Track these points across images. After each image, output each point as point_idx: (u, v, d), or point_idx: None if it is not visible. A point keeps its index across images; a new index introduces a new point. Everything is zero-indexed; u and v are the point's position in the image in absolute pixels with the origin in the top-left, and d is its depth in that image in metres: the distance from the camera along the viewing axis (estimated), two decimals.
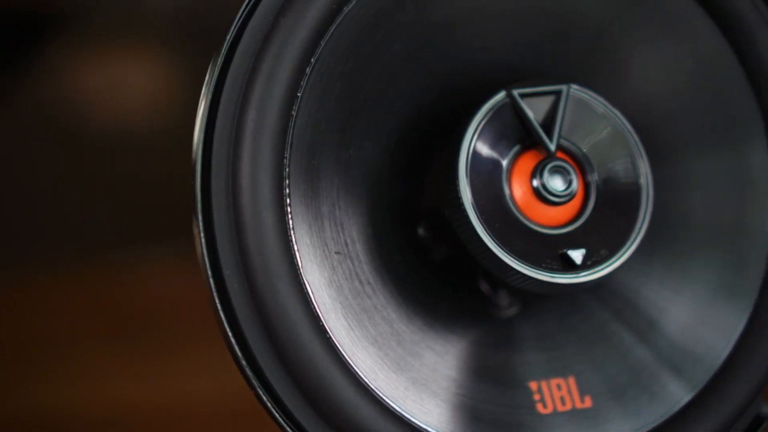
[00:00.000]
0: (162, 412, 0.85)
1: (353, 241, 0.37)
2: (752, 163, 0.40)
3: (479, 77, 0.39)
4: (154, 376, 0.88)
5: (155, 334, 0.90)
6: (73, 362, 0.90)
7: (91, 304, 0.94)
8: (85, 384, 0.88)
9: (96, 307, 0.93)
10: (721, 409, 0.38)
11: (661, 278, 0.40)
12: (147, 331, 0.91)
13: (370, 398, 0.36)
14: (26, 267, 0.96)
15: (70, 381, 0.88)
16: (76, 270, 0.95)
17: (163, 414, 0.85)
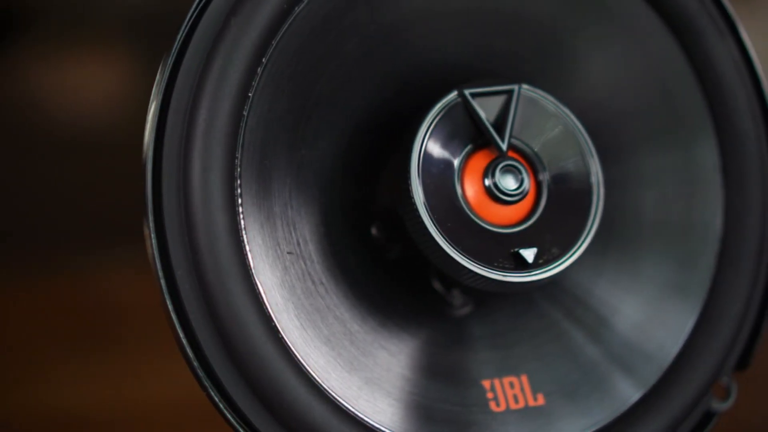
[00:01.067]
0: (124, 413, 0.85)
1: (306, 241, 0.37)
2: (701, 162, 0.40)
3: (431, 77, 0.39)
4: (116, 378, 0.87)
5: (118, 337, 0.90)
6: (35, 366, 0.89)
7: (51, 307, 0.93)
8: (48, 387, 0.87)
9: (56, 310, 0.93)
10: (671, 406, 0.39)
11: (613, 277, 0.40)
12: (109, 333, 0.91)
13: (322, 398, 0.36)
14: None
15: (33, 384, 0.88)
16: (35, 273, 0.95)
17: (126, 415, 0.85)
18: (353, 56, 0.38)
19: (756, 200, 0.40)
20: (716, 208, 0.40)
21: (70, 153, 1.00)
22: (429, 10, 0.39)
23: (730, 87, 0.40)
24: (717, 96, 0.40)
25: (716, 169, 0.40)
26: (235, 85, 0.35)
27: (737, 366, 0.41)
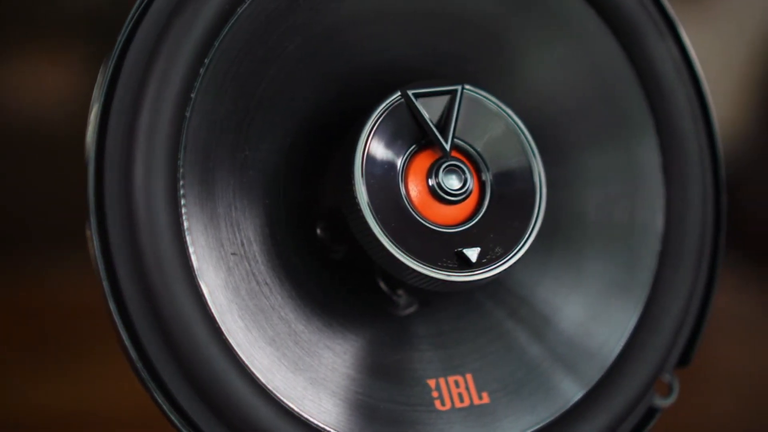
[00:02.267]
0: (79, 415, 0.84)
1: (250, 241, 0.37)
2: (642, 161, 0.41)
3: (375, 78, 0.39)
4: (71, 380, 0.87)
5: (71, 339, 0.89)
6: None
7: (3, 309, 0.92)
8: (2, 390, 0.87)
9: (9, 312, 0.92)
10: (614, 403, 0.39)
11: (557, 276, 0.40)
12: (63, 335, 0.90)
13: (267, 398, 0.36)
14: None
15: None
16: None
17: (82, 417, 0.84)
18: (296, 57, 0.38)
19: (696, 198, 0.41)
20: (658, 206, 0.41)
21: (22, 153, 0.99)
22: (372, 11, 0.39)
23: (670, 87, 0.41)
24: (657, 95, 0.41)
25: (657, 168, 0.41)
26: (177, 85, 0.35)
27: (679, 363, 0.41)
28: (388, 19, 0.39)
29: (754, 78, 1.47)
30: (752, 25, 1.48)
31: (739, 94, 1.48)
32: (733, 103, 1.48)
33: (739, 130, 1.46)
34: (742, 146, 1.45)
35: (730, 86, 1.48)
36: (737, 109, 1.47)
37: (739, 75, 1.48)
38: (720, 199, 0.42)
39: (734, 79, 1.48)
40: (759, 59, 1.47)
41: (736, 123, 1.46)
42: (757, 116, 1.44)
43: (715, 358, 0.91)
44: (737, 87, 1.48)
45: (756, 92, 1.45)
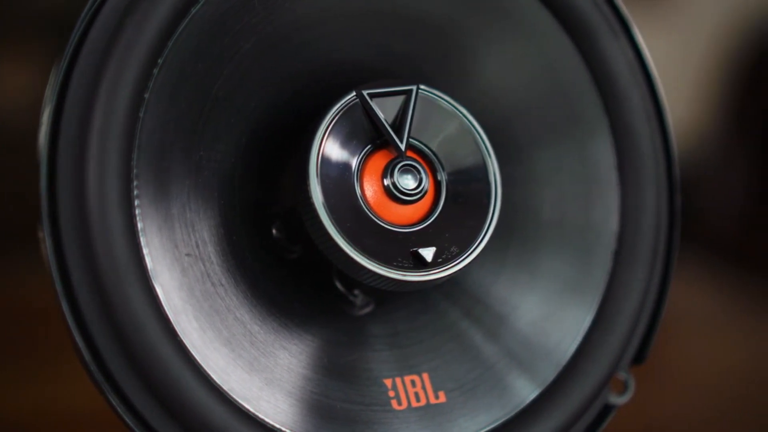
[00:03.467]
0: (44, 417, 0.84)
1: (205, 242, 0.37)
2: (597, 160, 0.41)
3: (330, 78, 0.39)
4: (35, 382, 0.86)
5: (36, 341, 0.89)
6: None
7: None
8: None
9: None
10: (569, 401, 0.39)
11: (512, 275, 0.41)
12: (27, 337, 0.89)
13: (222, 400, 0.36)
14: None
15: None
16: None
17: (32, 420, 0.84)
18: (251, 57, 0.38)
19: (650, 198, 0.41)
20: (612, 206, 0.41)
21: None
22: (327, 11, 0.39)
23: (624, 86, 0.41)
24: (611, 96, 0.41)
25: (612, 168, 0.41)
26: (130, 86, 0.35)
27: (634, 360, 0.42)
28: (343, 19, 0.39)
29: (711, 78, 1.48)
30: (709, 26, 1.50)
31: (696, 94, 1.49)
32: (691, 103, 1.49)
33: (697, 130, 1.47)
34: (701, 146, 1.46)
35: (688, 86, 1.49)
36: (695, 109, 1.48)
37: (696, 75, 1.50)
38: (674, 199, 0.42)
39: (692, 79, 1.50)
40: (716, 60, 1.48)
41: (693, 123, 1.47)
42: (714, 116, 1.46)
43: (673, 355, 0.92)
44: (695, 87, 1.49)
45: (713, 92, 1.47)
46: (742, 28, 1.47)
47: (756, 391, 0.82)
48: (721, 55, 1.48)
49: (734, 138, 1.43)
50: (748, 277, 1.25)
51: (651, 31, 1.45)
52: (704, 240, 1.39)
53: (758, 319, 1.02)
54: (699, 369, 0.88)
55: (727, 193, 1.42)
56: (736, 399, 0.80)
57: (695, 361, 0.91)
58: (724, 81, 1.45)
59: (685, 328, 0.98)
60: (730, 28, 1.48)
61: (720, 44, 1.49)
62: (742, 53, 1.44)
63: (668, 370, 0.85)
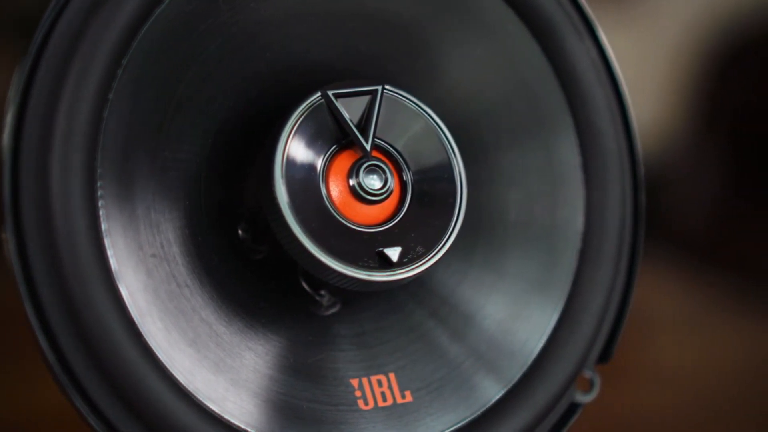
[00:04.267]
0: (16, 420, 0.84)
1: (170, 243, 0.37)
2: (562, 160, 0.41)
3: (296, 78, 0.39)
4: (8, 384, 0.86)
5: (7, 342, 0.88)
6: None
7: None
8: None
9: None
10: (535, 399, 0.39)
11: (478, 275, 0.41)
12: None
13: (188, 400, 0.36)
14: None
15: None
16: None
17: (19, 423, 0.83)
18: (216, 57, 0.38)
19: (615, 197, 0.41)
20: (578, 205, 0.41)
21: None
22: (293, 12, 0.39)
23: (588, 87, 0.41)
24: (576, 96, 0.41)
25: (577, 168, 0.41)
26: (94, 87, 0.35)
27: (600, 359, 0.42)
28: (309, 19, 0.39)
29: (680, 78, 1.49)
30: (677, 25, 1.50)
31: (666, 94, 1.50)
32: (661, 103, 1.50)
33: (667, 129, 1.48)
34: (671, 146, 1.47)
35: (658, 86, 1.50)
36: (665, 109, 1.49)
37: (666, 75, 1.50)
38: (638, 198, 0.42)
39: (661, 79, 1.50)
40: (685, 59, 1.49)
41: (663, 123, 1.48)
42: (684, 116, 1.46)
43: (644, 354, 0.92)
44: (664, 87, 1.50)
45: (683, 92, 1.47)
46: (710, 27, 1.48)
47: (726, 388, 0.83)
48: (690, 54, 1.48)
49: (704, 137, 1.44)
50: (719, 275, 1.25)
51: (619, 32, 1.46)
52: (675, 239, 1.40)
53: (728, 317, 1.02)
54: (669, 367, 0.89)
55: (698, 192, 1.43)
56: (706, 396, 0.80)
57: (666, 360, 0.91)
58: (694, 80, 1.46)
59: (656, 327, 0.99)
60: (699, 27, 1.49)
61: (689, 43, 1.50)
62: (710, 52, 1.45)
63: (639, 369, 0.86)
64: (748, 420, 0.75)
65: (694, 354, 0.91)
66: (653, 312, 0.99)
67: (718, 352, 0.91)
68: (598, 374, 0.41)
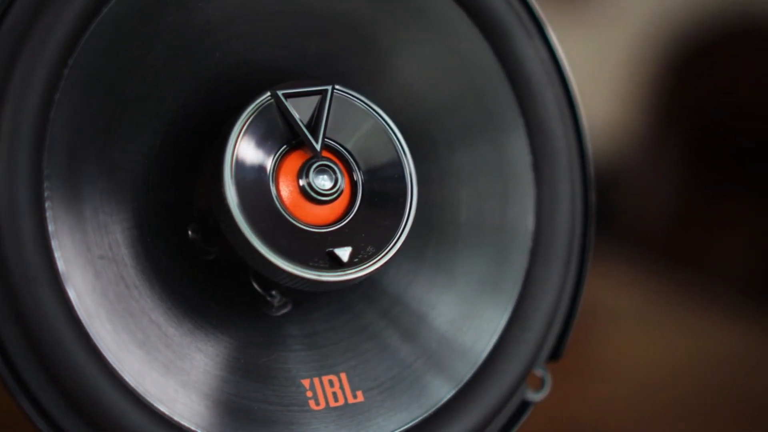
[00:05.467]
0: None
1: (118, 244, 0.37)
2: (513, 160, 0.42)
3: (245, 78, 0.39)
4: None
5: None
6: None
7: None
8: None
9: None
10: (486, 398, 0.39)
11: (430, 275, 0.41)
12: None
13: (137, 402, 0.36)
14: None
15: None
16: None
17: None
18: (164, 57, 0.38)
19: (565, 196, 0.42)
20: (528, 204, 0.41)
21: None
22: (243, 11, 0.39)
23: (538, 86, 0.41)
24: (526, 95, 0.41)
25: (528, 167, 0.42)
26: (40, 87, 0.35)
27: (550, 357, 0.42)
28: (258, 18, 0.39)
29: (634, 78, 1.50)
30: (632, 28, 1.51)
31: (620, 93, 1.51)
32: (620, 102, 1.51)
33: (626, 128, 1.49)
34: (629, 144, 1.48)
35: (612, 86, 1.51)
36: (619, 108, 1.50)
37: (620, 75, 1.51)
38: (589, 197, 0.43)
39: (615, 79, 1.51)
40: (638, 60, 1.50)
41: (617, 121, 1.49)
42: (643, 115, 1.47)
43: (599, 349, 0.93)
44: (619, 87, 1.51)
45: (637, 91, 1.49)
46: (666, 27, 1.49)
47: (679, 383, 0.84)
48: (647, 53, 1.50)
49: (660, 135, 1.45)
50: (675, 272, 1.27)
51: (576, 32, 1.47)
52: (631, 236, 1.41)
53: (683, 313, 1.03)
54: (624, 363, 0.89)
55: (654, 189, 1.44)
56: (659, 392, 0.81)
57: (620, 356, 0.92)
58: (650, 79, 1.47)
59: (612, 323, 1.00)
60: (656, 27, 1.50)
61: (646, 43, 1.51)
62: (667, 51, 1.46)
63: (594, 366, 0.86)
64: (700, 414, 0.76)
65: (648, 350, 0.91)
66: (609, 308, 0.99)
67: (672, 347, 0.92)
68: (549, 372, 0.42)
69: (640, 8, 1.53)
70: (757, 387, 0.85)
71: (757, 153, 1.38)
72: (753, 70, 1.40)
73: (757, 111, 1.39)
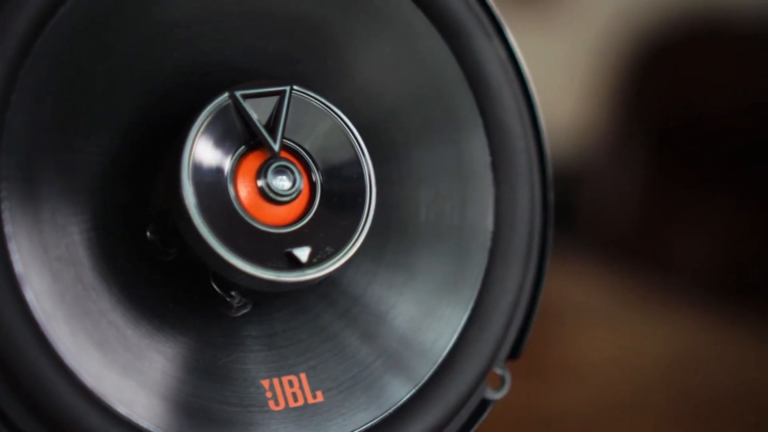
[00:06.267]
0: None
1: (76, 245, 0.37)
2: (472, 159, 0.42)
3: (204, 79, 0.39)
4: None
5: None
6: None
7: None
8: None
9: None
10: (445, 398, 0.40)
11: (389, 275, 0.41)
12: None
13: (95, 404, 0.36)
14: None
15: None
16: None
17: None
18: (122, 57, 0.38)
19: (524, 195, 0.42)
20: (487, 204, 0.42)
21: None
22: (202, 11, 0.39)
23: (496, 86, 0.42)
24: (485, 95, 0.42)
25: (487, 167, 0.42)
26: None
27: (510, 356, 0.42)
28: (218, 18, 0.39)
29: (599, 78, 1.51)
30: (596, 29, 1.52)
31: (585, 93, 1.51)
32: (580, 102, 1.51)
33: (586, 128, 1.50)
34: (595, 144, 1.49)
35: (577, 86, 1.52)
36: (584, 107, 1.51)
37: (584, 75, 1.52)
38: (547, 195, 0.43)
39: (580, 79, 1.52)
40: (603, 60, 1.51)
41: (583, 121, 1.49)
42: (603, 114, 1.48)
43: (564, 348, 0.93)
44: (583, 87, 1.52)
45: (601, 91, 1.49)
46: (630, 29, 1.50)
47: (643, 381, 0.84)
48: (612, 54, 1.51)
49: (626, 135, 1.46)
50: (642, 271, 1.27)
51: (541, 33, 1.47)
52: (598, 236, 1.41)
53: (647, 312, 1.04)
54: (588, 362, 0.90)
55: (619, 188, 1.45)
56: (623, 390, 0.81)
57: (585, 354, 0.92)
58: (615, 79, 1.48)
59: (577, 322, 1.00)
60: (619, 28, 1.51)
61: (610, 44, 1.52)
62: (631, 52, 1.47)
63: (558, 364, 0.87)
64: (663, 411, 0.77)
65: (613, 348, 0.92)
66: (575, 307, 1.00)
67: (636, 345, 0.92)
68: (508, 371, 0.42)
69: (605, 9, 1.54)
70: (720, 382, 0.85)
71: (720, 151, 1.39)
72: (715, 70, 1.41)
73: (719, 110, 1.41)
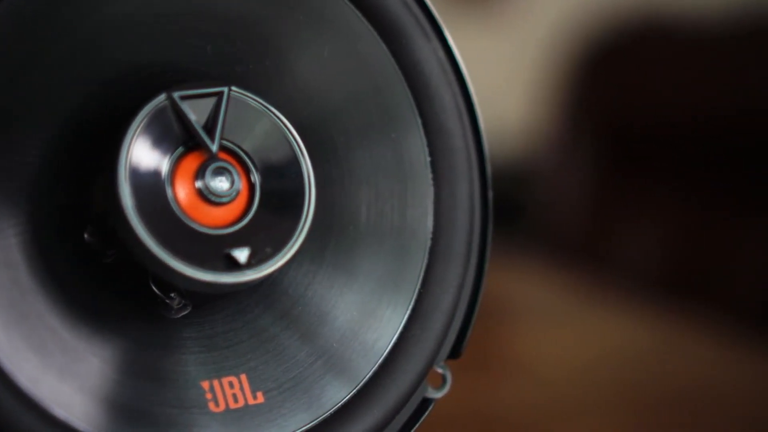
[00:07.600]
0: None
1: (11, 248, 0.36)
2: (412, 160, 0.42)
3: (142, 80, 0.39)
4: None
5: None
6: None
7: None
8: None
9: None
10: (386, 397, 0.40)
11: (330, 276, 0.41)
12: None
13: (33, 408, 0.35)
14: None
15: None
16: None
17: None
18: (59, 58, 0.37)
19: (463, 195, 0.42)
20: (427, 203, 0.42)
21: None
22: (140, 13, 0.39)
23: (435, 87, 0.42)
24: (424, 95, 0.42)
25: (426, 167, 0.42)
26: None
27: (451, 355, 0.42)
28: (156, 20, 0.39)
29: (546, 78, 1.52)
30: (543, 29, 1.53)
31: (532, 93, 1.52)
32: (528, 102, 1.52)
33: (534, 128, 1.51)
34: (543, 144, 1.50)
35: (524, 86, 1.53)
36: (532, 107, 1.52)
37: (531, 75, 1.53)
38: (487, 194, 0.43)
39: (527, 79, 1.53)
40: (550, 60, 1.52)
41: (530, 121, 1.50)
42: (551, 114, 1.49)
43: (510, 347, 0.94)
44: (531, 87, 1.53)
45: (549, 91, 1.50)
46: (577, 29, 1.51)
47: (593, 380, 0.85)
48: (559, 54, 1.52)
49: (574, 134, 1.47)
50: (589, 270, 1.28)
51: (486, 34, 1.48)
52: (545, 234, 1.42)
53: (596, 311, 1.05)
54: (537, 360, 0.91)
55: (568, 188, 1.46)
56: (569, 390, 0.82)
57: (534, 353, 0.93)
58: (562, 79, 1.49)
59: (526, 321, 1.01)
60: (566, 28, 1.52)
61: (557, 44, 1.53)
62: (580, 51, 1.48)
63: (505, 363, 0.87)
64: (608, 410, 0.77)
65: (558, 346, 0.92)
66: (520, 305, 1.01)
67: (581, 343, 0.93)
68: (449, 369, 0.42)
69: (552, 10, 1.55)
70: (665, 377, 0.86)
71: (667, 151, 1.40)
72: (662, 70, 1.43)
73: (666, 110, 1.42)
